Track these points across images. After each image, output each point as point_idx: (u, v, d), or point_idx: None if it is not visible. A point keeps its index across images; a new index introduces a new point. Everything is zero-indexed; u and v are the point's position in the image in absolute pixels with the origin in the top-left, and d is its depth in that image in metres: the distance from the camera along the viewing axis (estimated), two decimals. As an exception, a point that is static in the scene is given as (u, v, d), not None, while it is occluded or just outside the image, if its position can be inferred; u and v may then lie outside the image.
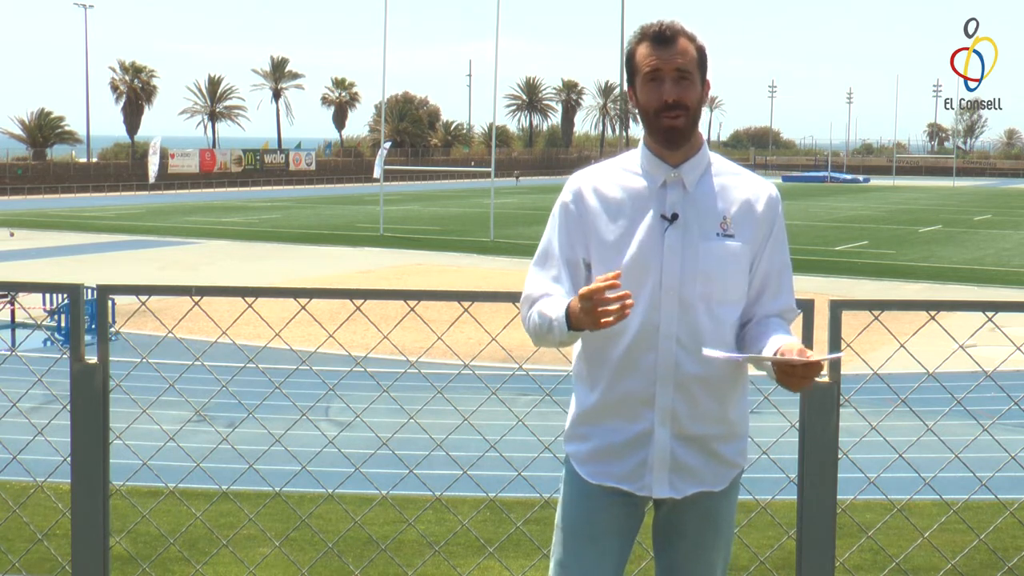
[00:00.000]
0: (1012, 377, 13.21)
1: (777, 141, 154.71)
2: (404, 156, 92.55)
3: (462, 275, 29.29)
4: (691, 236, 2.78)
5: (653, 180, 2.82)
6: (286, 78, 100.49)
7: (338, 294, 3.65)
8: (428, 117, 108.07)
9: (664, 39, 2.78)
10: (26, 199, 64.61)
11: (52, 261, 32.00)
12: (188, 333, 17.77)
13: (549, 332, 2.73)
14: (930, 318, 3.58)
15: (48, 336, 18.69)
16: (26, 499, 5.75)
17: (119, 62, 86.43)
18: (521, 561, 7.95)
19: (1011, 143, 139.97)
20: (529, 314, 2.83)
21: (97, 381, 3.55)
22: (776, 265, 2.87)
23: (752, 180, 2.89)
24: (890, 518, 8.46)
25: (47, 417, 4.50)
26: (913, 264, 32.75)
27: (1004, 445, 4.51)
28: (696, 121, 2.82)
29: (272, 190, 76.49)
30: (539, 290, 2.83)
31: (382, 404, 9.59)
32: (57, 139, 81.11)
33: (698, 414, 2.81)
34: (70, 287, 3.64)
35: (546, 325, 2.74)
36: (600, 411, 2.86)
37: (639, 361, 2.78)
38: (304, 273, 29.39)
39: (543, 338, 2.78)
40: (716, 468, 2.87)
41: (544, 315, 2.75)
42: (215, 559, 7.85)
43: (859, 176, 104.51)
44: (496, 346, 4.73)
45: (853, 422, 3.98)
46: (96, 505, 3.59)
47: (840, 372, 3.37)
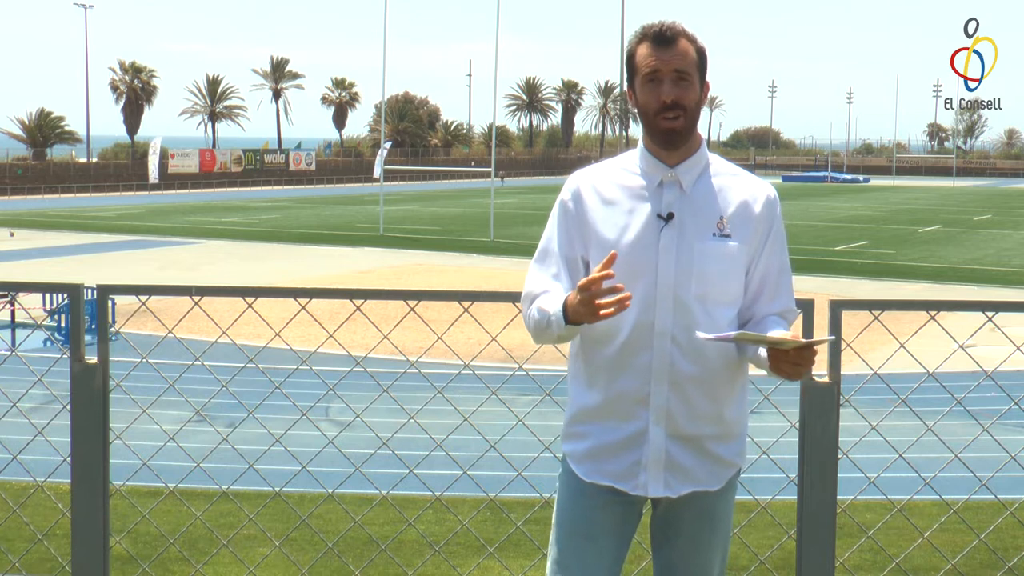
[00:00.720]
0: (1012, 377, 13.20)
1: (777, 141, 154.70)
2: (404, 156, 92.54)
3: (462, 275, 29.29)
4: (686, 236, 2.78)
5: (651, 180, 2.83)
6: (286, 78, 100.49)
7: (338, 294, 3.65)
8: (428, 117, 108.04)
9: (664, 40, 2.78)
10: (26, 199, 64.61)
11: (52, 261, 31.99)
12: (188, 333, 17.76)
13: (548, 327, 2.75)
14: (930, 318, 3.59)
15: (48, 336, 18.70)
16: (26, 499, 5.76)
17: (119, 62, 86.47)
18: (521, 561, 7.95)
19: (1011, 143, 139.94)
20: (529, 311, 2.84)
21: (97, 381, 3.55)
22: (774, 266, 2.87)
23: (750, 181, 2.89)
24: (890, 518, 8.46)
25: (47, 417, 4.51)
26: (913, 264, 32.75)
27: (1004, 445, 4.51)
28: (694, 122, 2.82)
29: (272, 190, 76.50)
30: (539, 287, 2.84)
31: (382, 404, 9.58)
32: (57, 139, 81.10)
33: (693, 413, 2.81)
34: (70, 287, 3.64)
35: (545, 320, 2.75)
36: (595, 410, 2.86)
37: (634, 360, 2.79)
38: (304, 273, 29.38)
39: (542, 333, 2.79)
40: (712, 468, 2.88)
41: (543, 310, 2.77)
42: (215, 559, 7.85)
43: (859, 176, 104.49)
44: (496, 346, 4.74)
45: (853, 422, 3.99)
46: (96, 505, 3.60)
47: (840, 372, 3.37)
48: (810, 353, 2.67)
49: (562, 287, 2.81)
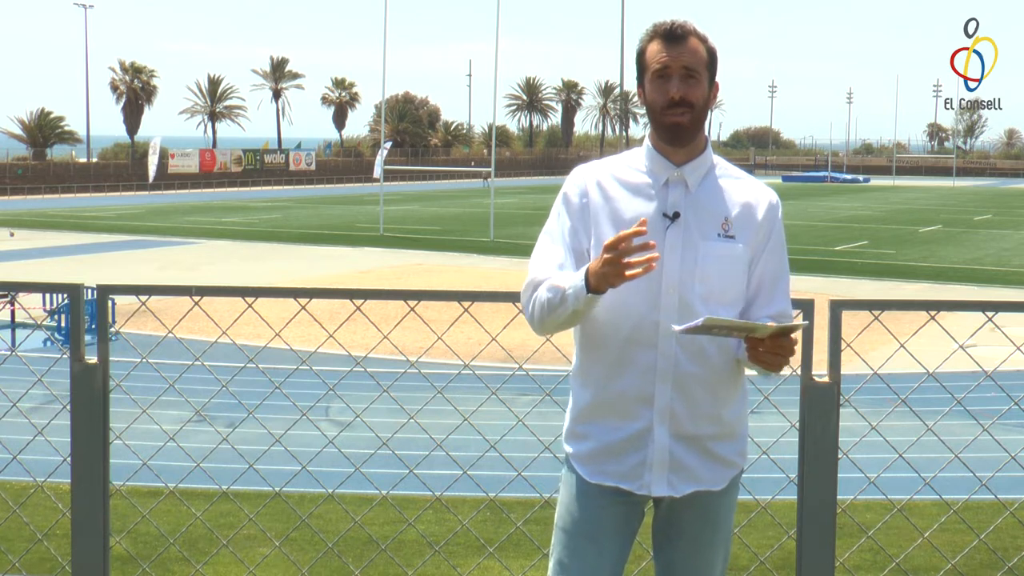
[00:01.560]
0: (1012, 377, 13.20)
1: (777, 141, 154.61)
2: (404, 156, 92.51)
3: (462, 275, 29.28)
4: (691, 235, 2.78)
5: (656, 178, 2.83)
6: (286, 78, 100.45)
7: (338, 294, 3.65)
8: (428, 117, 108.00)
9: (675, 37, 2.80)
10: (26, 199, 64.60)
11: (52, 261, 31.99)
12: (188, 333, 17.76)
13: (562, 303, 2.69)
14: (930, 318, 3.58)
15: (48, 336, 18.69)
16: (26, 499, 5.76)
17: (119, 62, 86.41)
18: (521, 561, 7.95)
19: (1011, 143, 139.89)
20: (535, 296, 2.79)
21: (97, 381, 3.55)
22: (771, 271, 2.88)
23: (754, 184, 2.91)
24: (890, 518, 8.46)
25: (47, 417, 4.50)
26: (913, 264, 32.74)
27: (1004, 445, 4.51)
28: (701, 120, 2.83)
29: (272, 190, 76.48)
30: (544, 274, 2.79)
31: (382, 404, 9.58)
32: (57, 139, 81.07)
33: (696, 413, 2.81)
34: (70, 287, 3.63)
35: (558, 297, 2.70)
36: (599, 409, 2.86)
37: (638, 359, 2.79)
38: (304, 273, 29.38)
39: (552, 313, 2.73)
40: (714, 468, 2.88)
41: (555, 287, 2.72)
42: (215, 559, 7.85)
43: (859, 176, 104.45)
44: (496, 346, 4.74)
45: (853, 422, 3.99)
46: (96, 505, 3.59)
47: (840, 372, 3.37)
48: (788, 342, 2.66)
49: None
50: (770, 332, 2.63)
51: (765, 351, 2.67)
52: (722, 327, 2.62)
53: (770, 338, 2.65)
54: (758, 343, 2.67)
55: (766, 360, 2.68)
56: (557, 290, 2.71)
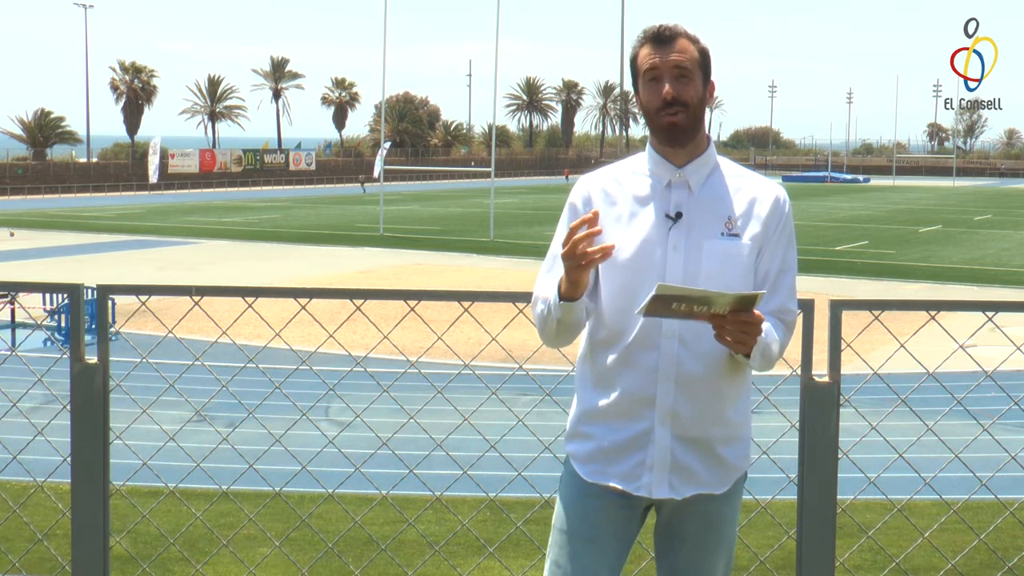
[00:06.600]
0: (1012, 377, 13.21)
1: (777, 141, 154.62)
2: (404, 156, 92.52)
3: (462, 275, 29.28)
4: (695, 235, 2.78)
5: (659, 180, 2.83)
6: (286, 78, 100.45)
7: (338, 294, 3.65)
8: (428, 117, 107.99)
9: (663, 39, 2.80)
10: (26, 199, 64.60)
11: (52, 261, 32.00)
12: (188, 333, 17.76)
13: (548, 315, 2.76)
14: (930, 318, 3.58)
15: (48, 336, 18.70)
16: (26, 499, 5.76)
17: (119, 62, 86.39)
18: (521, 561, 7.95)
19: (1011, 143, 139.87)
20: (535, 311, 2.85)
21: (97, 381, 3.55)
22: (775, 265, 2.86)
23: (759, 181, 2.89)
24: (890, 518, 8.46)
25: (47, 417, 4.50)
26: (913, 264, 32.75)
27: (1004, 445, 4.51)
28: (698, 119, 2.82)
29: (272, 190, 76.48)
30: (541, 288, 2.84)
31: (382, 404, 9.58)
32: (57, 139, 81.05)
33: (699, 414, 2.80)
34: (70, 287, 3.63)
35: (545, 309, 2.78)
36: (602, 410, 2.85)
37: (641, 360, 2.78)
38: (304, 273, 29.38)
39: (545, 325, 2.79)
40: (717, 470, 2.86)
41: (544, 299, 2.79)
42: (215, 559, 7.85)
43: (859, 176, 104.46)
44: (496, 346, 4.73)
45: (853, 422, 3.98)
46: (96, 505, 3.59)
47: (840, 372, 3.37)
48: (751, 318, 2.62)
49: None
50: (728, 301, 2.58)
51: (731, 328, 2.62)
52: (678, 298, 2.56)
53: (732, 314, 2.62)
54: (722, 320, 2.63)
55: (732, 338, 2.64)
56: (545, 303, 2.78)
